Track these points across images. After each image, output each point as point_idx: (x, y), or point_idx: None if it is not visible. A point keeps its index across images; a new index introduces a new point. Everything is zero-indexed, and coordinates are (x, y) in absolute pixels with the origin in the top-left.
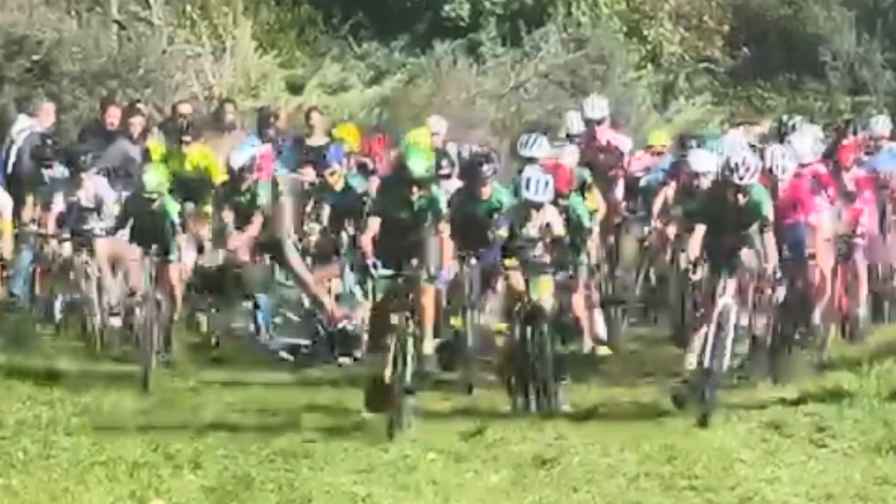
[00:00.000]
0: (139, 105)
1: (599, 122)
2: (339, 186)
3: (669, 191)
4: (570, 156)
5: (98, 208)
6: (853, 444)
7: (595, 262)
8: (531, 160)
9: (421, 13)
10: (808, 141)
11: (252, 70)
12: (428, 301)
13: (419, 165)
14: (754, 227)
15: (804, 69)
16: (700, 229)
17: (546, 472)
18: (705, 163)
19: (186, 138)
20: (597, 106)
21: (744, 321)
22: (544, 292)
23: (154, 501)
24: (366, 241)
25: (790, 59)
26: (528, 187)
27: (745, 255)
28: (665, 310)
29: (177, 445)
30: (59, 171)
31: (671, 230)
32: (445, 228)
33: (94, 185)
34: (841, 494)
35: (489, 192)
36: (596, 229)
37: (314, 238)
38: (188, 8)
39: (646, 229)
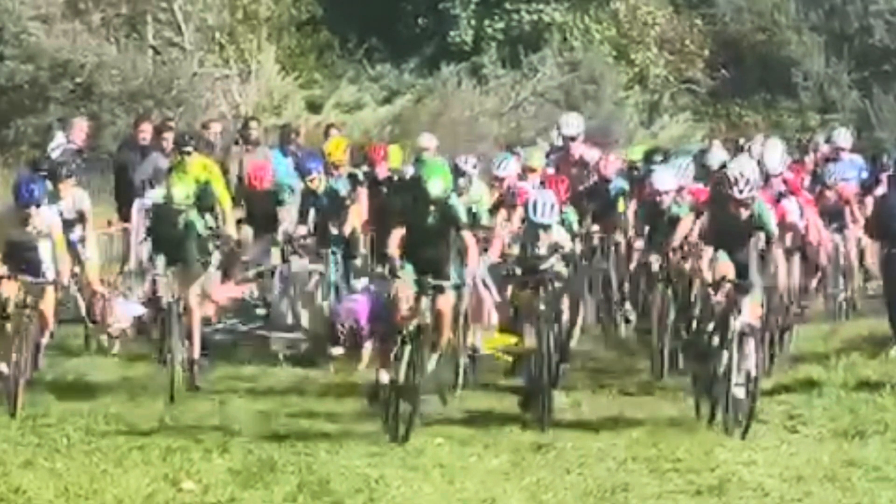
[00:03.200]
0: (170, 122)
1: (574, 139)
2: (320, 190)
3: (633, 207)
4: (538, 159)
5: (80, 219)
6: (822, 430)
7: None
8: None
9: (429, 38)
10: (777, 154)
11: (275, 91)
12: (446, 308)
13: (437, 187)
14: (760, 243)
15: (778, 89)
16: (708, 251)
17: (542, 456)
18: (667, 182)
19: (187, 149)
20: (572, 123)
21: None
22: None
23: (186, 483)
24: (392, 248)
25: (765, 79)
26: (535, 210)
27: (755, 273)
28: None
29: (206, 432)
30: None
31: (638, 244)
32: (468, 236)
33: (73, 197)
34: (811, 476)
35: (464, 202)
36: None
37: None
38: (217, 34)
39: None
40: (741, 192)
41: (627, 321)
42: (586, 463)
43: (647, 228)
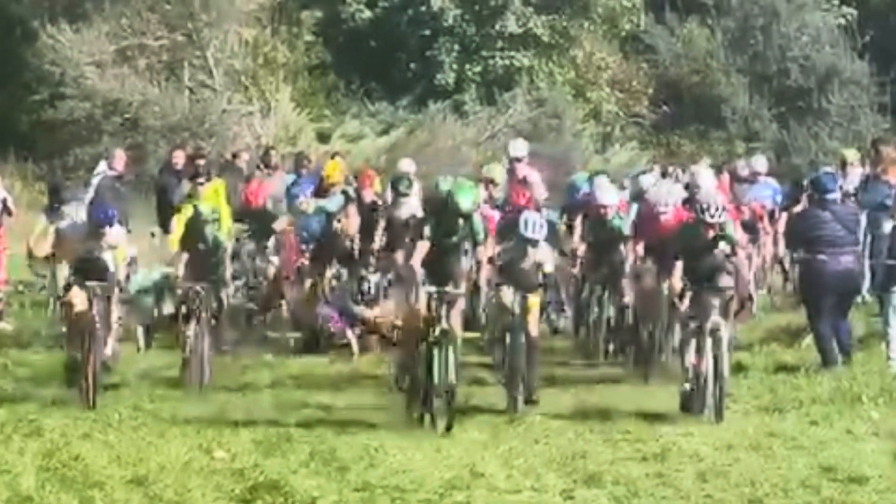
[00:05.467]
0: (201, 151)
1: (519, 160)
2: (309, 211)
3: (580, 219)
4: (498, 173)
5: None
6: (748, 407)
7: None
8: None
9: (418, 81)
10: (709, 177)
11: (290, 124)
12: (453, 318)
13: (467, 202)
14: (726, 251)
15: (710, 122)
16: (679, 266)
17: (514, 429)
18: (609, 196)
19: (200, 180)
20: (518, 147)
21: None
22: (532, 309)
23: (217, 451)
24: (416, 262)
25: (699, 114)
26: (526, 227)
27: (722, 277)
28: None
29: (234, 410)
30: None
31: (581, 249)
32: (482, 252)
33: (71, 214)
34: (739, 445)
35: None
36: None
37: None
38: (242, 78)
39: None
40: (713, 216)
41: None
42: (551, 434)
43: (590, 238)
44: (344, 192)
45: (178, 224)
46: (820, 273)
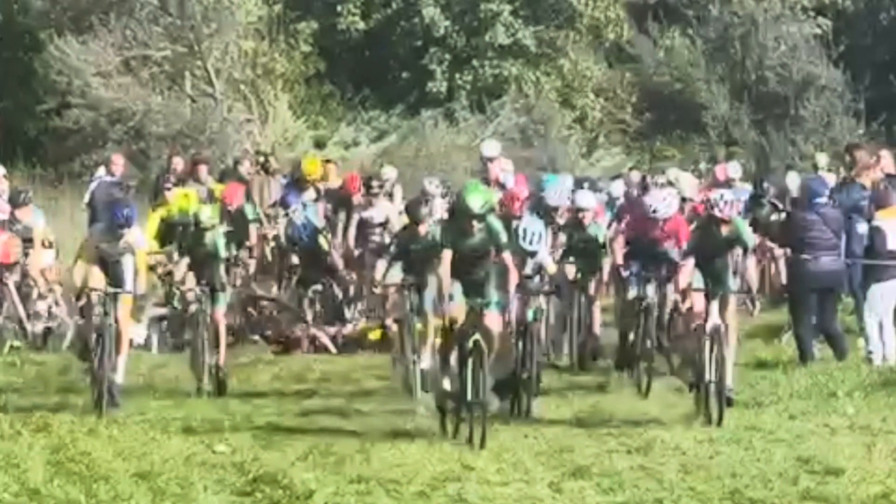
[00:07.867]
0: (199, 156)
1: (492, 160)
2: (299, 221)
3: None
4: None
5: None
6: None
7: None
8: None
9: (411, 89)
10: (692, 183)
11: (288, 131)
12: (492, 324)
13: (476, 202)
14: (738, 252)
15: (691, 128)
16: (690, 262)
17: (504, 424)
18: (588, 200)
19: (168, 185)
20: (490, 147)
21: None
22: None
23: (218, 446)
24: (443, 273)
25: (681, 120)
26: (523, 238)
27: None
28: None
29: (234, 406)
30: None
31: (557, 254)
32: (508, 257)
33: (25, 216)
34: (719, 438)
35: (424, 230)
36: None
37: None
38: (242, 87)
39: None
40: (721, 211)
41: None
42: (540, 429)
43: (566, 244)
44: (316, 189)
45: (151, 223)
46: (806, 273)
